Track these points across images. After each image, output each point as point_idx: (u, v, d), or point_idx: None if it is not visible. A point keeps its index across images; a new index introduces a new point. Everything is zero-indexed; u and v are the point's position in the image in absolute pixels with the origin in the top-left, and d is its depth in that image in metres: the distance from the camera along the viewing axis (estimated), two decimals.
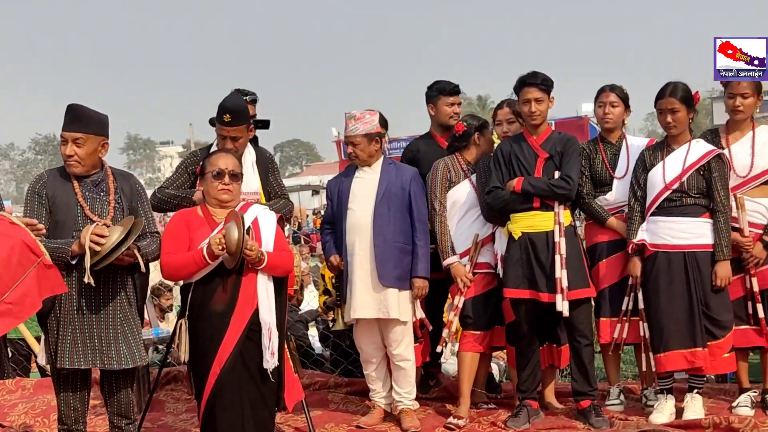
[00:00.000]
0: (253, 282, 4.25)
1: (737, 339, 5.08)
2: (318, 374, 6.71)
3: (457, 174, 5.44)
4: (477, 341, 5.34)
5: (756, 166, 5.09)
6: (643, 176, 5.15)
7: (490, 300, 5.37)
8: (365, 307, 5.17)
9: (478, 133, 5.48)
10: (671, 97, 5.04)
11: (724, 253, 4.93)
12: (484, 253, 5.39)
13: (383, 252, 5.16)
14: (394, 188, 5.24)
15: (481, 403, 5.64)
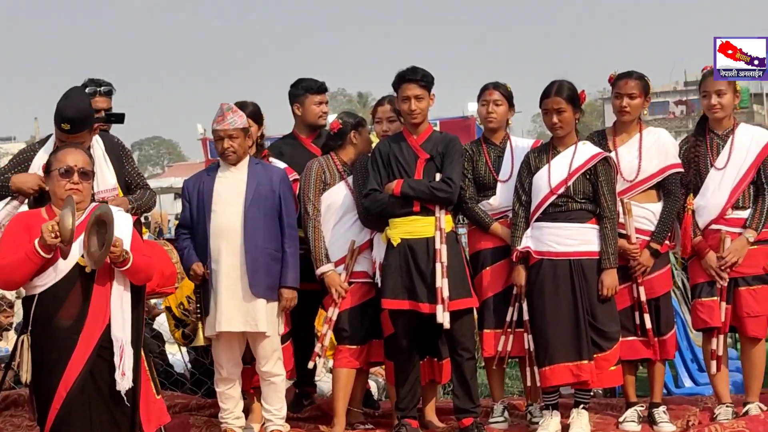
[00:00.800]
0: (106, 293, 4.05)
1: (624, 351, 5.14)
2: (178, 395, 6.48)
3: (333, 175, 5.36)
4: (353, 356, 5.28)
5: (643, 169, 5.17)
6: (528, 180, 5.15)
7: (368, 311, 5.30)
8: (232, 320, 5.03)
9: (355, 131, 5.41)
10: (557, 97, 5.05)
11: (610, 260, 4.96)
12: (361, 261, 5.33)
13: (255, 259, 5.05)
14: (264, 189, 5.13)
15: (358, 423, 5.53)
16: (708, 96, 5.16)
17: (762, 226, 5.08)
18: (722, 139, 5.19)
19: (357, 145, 5.40)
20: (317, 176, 5.33)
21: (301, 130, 5.86)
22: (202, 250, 5.16)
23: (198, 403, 6.16)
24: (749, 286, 5.11)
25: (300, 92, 5.88)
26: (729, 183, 5.13)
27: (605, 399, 6.00)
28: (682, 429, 5.09)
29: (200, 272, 5.16)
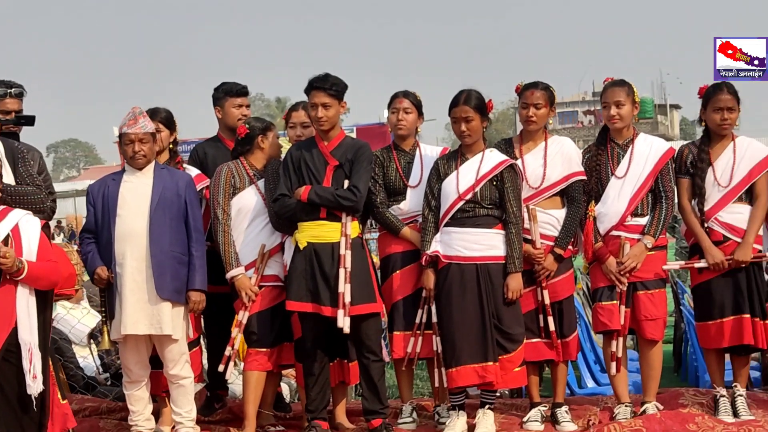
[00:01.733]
0: (11, 297, 4.02)
1: (528, 352, 5.24)
2: (89, 399, 6.43)
3: (242, 180, 5.40)
4: (263, 359, 5.32)
5: (548, 177, 5.28)
6: (437, 186, 5.24)
7: (278, 315, 5.34)
8: (137, 323, 5.02)
9: (262, 135, 5.46)
10: (465, 106, 5.15)
11: (515, 265, 5.07)
12: (272, 264, 5.37)
13: (161, 262, 5.04)
14: (170, 194, 5.13)
15: (269, 426, 5.58)
16: (608, 107, 5.29)
17: (659, 232, 5.24)
18: (622, 149, 5.31)
19: (265, 149, 5.44)
20: (226, 181, 5.36)
21: (224, 133, 5.90)
22: (107, 254, 5.12)
23: (108, 407, 6.15)
24: (647, 290, 5.25)
25: (220, 95, 5.95)
26: (628, 191, 5.25)
27: (510, 399, 6.09)
28: (583, 428, 5.19)
29: (104, 276, 5.14)
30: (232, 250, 5.30)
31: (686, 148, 5.44)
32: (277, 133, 5.58)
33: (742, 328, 5.21)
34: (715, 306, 5.27)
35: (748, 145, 5.32)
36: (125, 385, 5.25)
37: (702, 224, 5.31)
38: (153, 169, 5.18)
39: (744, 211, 5.28)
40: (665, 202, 5.28)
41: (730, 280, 5.24)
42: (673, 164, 5.39)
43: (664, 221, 5.28)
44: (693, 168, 5.36)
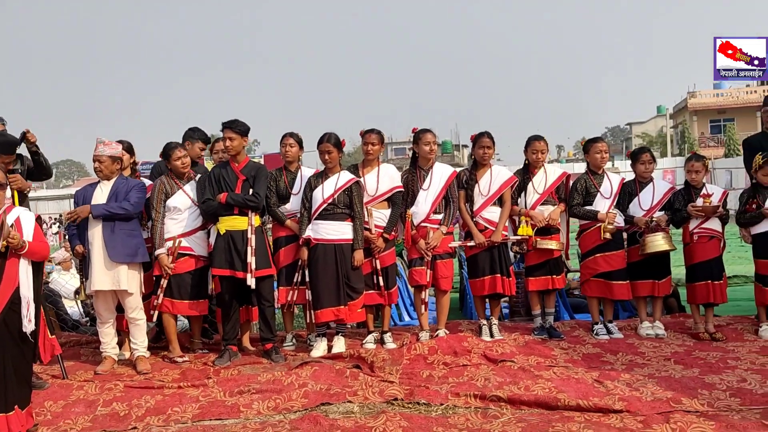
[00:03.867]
0: (15, 266, 3.92)
1: (367, 299, 5.47)
2: (74, 335, 6.37)
3: (172, 187, 5.43)
4: (174, 307, 5.35)
5: (380, 189, 5.52)
6: (310, 194, 5.43)
7: (191, 277, 5.35)
8: (101, 281, 5.03)
9: (167, 161, 5.51)
10: (327, 143, 5.40)
11: (359, 244, 5.34)
12: (193, 242, 5.37)
13: (111, 238, 5.03)
14: (121, 193, 5.14)
15: (197, 349, 5.67)
16: (427, 145, 5.55)
17: (450, 223, 5.57)
18: (426, 172, 5.59)
19: (172, 169, 5.44)
20: (159, 190, 5.36)
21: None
22: (83, 235, 5.14)
23: (87, 340, 6.11)
24: (442, 259, 5.53)
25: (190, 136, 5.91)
26: (431, 198, 5.51)
27: (356, 329, 6.14)
28: (400, 346, 5.35)
29: (80, 251, 5.20)
30: (158, 236, 5.30)
31: (463, 172, 5.82)
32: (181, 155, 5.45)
33: (495, 282, 5.60)
34: (479, 269, 5.65)
35: (499, 170, 5.76)
36: (98, 325, 5.28)
37: (472, 218, 5.69)
38: (115, 180, 5.18)
39: (497, 211, 5.68)
40: (452, 204, 5.60)
41: (488, 253, 5.62)
42: (456, 181, 5.71)
43: (452, 216, 5.60)
44: (467, 184, 5.74)
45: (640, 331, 5.77)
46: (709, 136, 44.87)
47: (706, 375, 4.52)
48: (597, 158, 5.86)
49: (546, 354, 5.21)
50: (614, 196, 5.80)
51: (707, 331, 5.65)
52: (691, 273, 5.78)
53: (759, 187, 5.71)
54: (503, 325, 6.11)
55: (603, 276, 5.73)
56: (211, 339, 6.09)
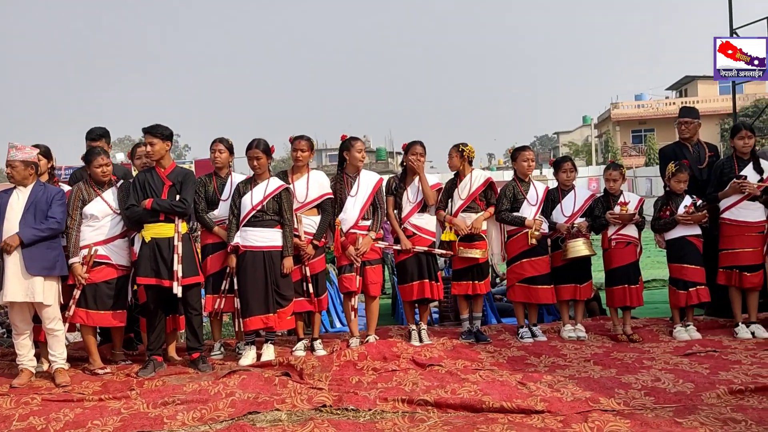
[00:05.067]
0: None
1: (297, 306, 5.47)
2: None
3: (90, 194, 5.28)
4: (88, 317, 5.19)
5: (309, 195, 5.55)
6: (239, 200, 5.39)
7: (108, 287, 5.21)
8: (15, 292, 4.86)
9: (88, 167, 5.38)
10: (256, 149, 5.37)
11: (288, 251, 5.34)
12: (112, 250, 5.24)
13: (29, 249, 4.87)
14: (40, 203, 4.98)
15: (120, 360, 5.53)
16: (359, 152, 5.60)
17: (378, 229, 5.64)
18: (353, 179, 5.65)
19: (91, 175, 5.30)
20: (76, 196, 5.22)
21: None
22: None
23: (2, 352, 5.89)
24: (371, 265, 5.59)
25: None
26: (359, 204, 5.56)
27: (286, 336, 6.21)
28: (330, 352, 5.35)
29: None
30: (73, 245, 5.14)
31: (392, 178, 5.93)
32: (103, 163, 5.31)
33: (424, 287, 5.69)
34: (408, 275, 5.73)
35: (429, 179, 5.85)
36: (14, 337, 5.08)
37: (400, 225, 5.78)
38: (33, 186, 5.01)
39: (424, 217, 5.79)
40: (380, 211, 5.67)
41: (416, 258, 5.71)
42: (386, 188, 5.80)
43: (381, 222, 5.67)
44: (396, 191, 5.84)
45: (563, 333, 5.96)
46: (631, 146, 46.82)
47: (623, 375, 4.71)
48: (524, 166, 6.03)
49: (473, 357, 5.31)
50: (540, 203, 5.97)
51: (625, 333, 5.89)
52: (610, 277, 6.01)
53: (672, 194, 6.01)
54: (432, 329, 6.20)
55: (528, 281, 5.88)
56: (135, 350, 5.97)
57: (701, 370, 4.76)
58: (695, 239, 5.90)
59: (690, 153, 6.43)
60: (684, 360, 5.08)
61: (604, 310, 6.95)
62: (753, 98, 38.37)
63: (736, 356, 5.12)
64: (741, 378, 4.50)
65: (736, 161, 5.99)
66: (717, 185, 6.02)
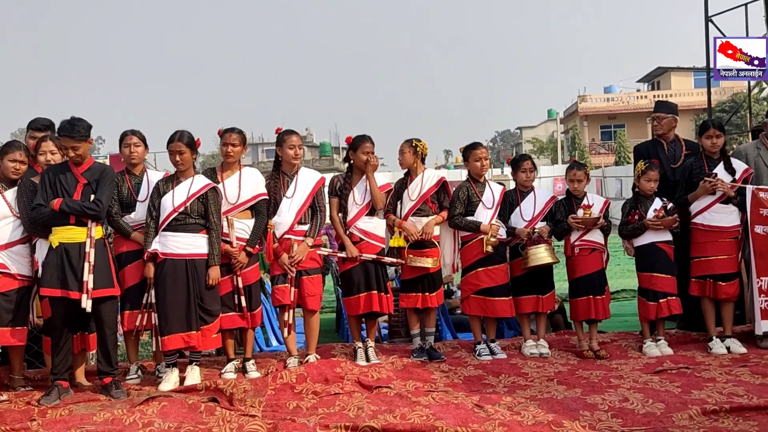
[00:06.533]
0: None
1: (227, 322, 5.44)
2: None
3: None
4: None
5: (242, 196, 5.52)
6: (158, 201, 5.34)
7: (12, 299, 5.12)
8: None
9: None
10: (179, 142, 5.33)
11: (215, 260, 5.30)
12: (15, 259, 5.15)
13: None
14: None
15: (19, 387, 5.38)
16: (291, 148, 5.62)
17: (316, 234, 5.67)
18: (291, 178, 5.66)
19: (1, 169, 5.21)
20: None
21: None
22: None
23: None
24: (309, 275, 5.61)
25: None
26: (296, 206, 5.58)
27: (215, 357, 6.13)
28: (265, 374, 5.37)
29: None
30: None
31: (336, 178, 5.94)
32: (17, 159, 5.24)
33: (372, 300, 5.74)
34: (354, 285, 5.76)
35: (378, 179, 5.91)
36: None
37: (345, 230, 5.82)
38: None
39: (372, 221, 5.85)
40: (320, 214, 5.70)
41: (363, 267, 5.76)
42: (325, 188, 5.82)
43: (320, 226, 5.70)
44: (340, 192, 5.86)
45: (524, 350, 6.06)
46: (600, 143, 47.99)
47: (589, 395, 4.81)
48: (477, 165, 6.11)
49: (425, 378, 5.35)
50: (496, 206, 6.07)
51: (591, 349, 6.02)
52: (574, 288, 6.14)
53: (641, 196, 6.17)
54: (381, 347, 6.24)
55: (484, 292, 5.96)
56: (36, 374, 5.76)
57: (672, 389, 4.90)
58: (666, 246, 6.07)
59: (665, 151, 6.62)
60: (654, 378, 5.22)
61: (569, 324, 7.10)
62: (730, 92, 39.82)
63: (710, 373, 5.29)
64: (715, 397, 4.65)
65: (705, 161, 6.19)
66: (687, 187, 6.21)
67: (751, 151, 6.31)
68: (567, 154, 48.04)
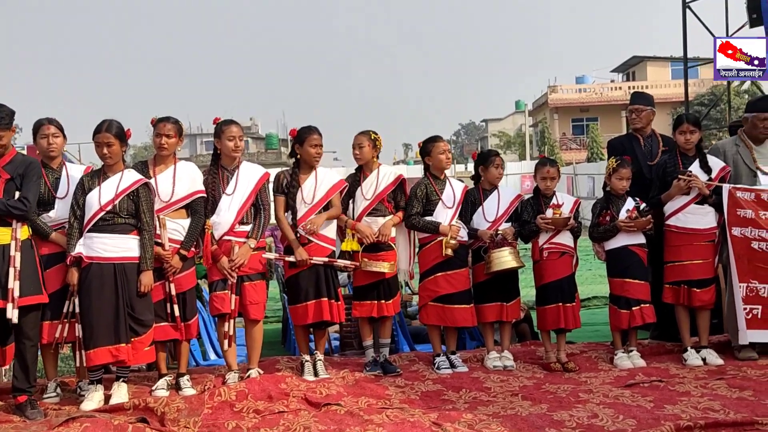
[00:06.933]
0: None
1: (158, 333, 5.37)
2: None
3: None
4: None
5: (176, 193, 5.48)
6: (82, 198, 5.26)
7: None
8: None
9: None
10: (107, 133, 5.25)
11: (147, 264, 5.23)
12: None
13: None
14: None
15: None
16: (231, 140, 5.58)
17: (260, 236, 5.65)
18: (231, 173, 5.63)
19: None
20: None
21: None
22: None
23: None
24: (251, 281, 5.59)
25: None
26: (237, 205, 5.55)
27: (145, 372, 6.05)
28: (201, 392, 5.32)
29: None
30: None
31: (282, 174, 5.92)
32: None
33: (321, 308, 5.71)
34: (301, 293, 5.74)
35: (326, 173, 5.94)
36: None
37: (294, 230, 5.79)
38: None
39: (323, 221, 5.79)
40: (263, 213, 5.68)
41: (312, 273, 5.73)
42: (269, 184, 5.78)
43: (263, 227, 5.68)
44: (287, 189, 5.83)
45: (487, 362, 6.11)
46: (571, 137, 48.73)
47: (556, 411, 4.87)
48: (442, 159, 6.16)
49: (379, 394, 5.37)
50: (457, 205, 6.11)
51: (559, 361, 6.10)
52: (542, 295, 6.21)
53: (612, 196, 6.27)
54: (331, 360, 6.25)
55: (443, 299, 6.00)
56: None
57: (645, 404, 4.99)
58: (639, 249, 6.18)
59: (641, 146, 6.74)
60: (625, 392, 5.31)
61: (535, 334, 7.18)
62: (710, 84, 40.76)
63: (685, 387, 5.41)
64: (690, 412, 4.75)
65: (680, 158, 6.32)
66: (661, 187, 6.33)
67: (729, 148, 6.46)
68: (536, 149, 48.67)
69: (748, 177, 6.28)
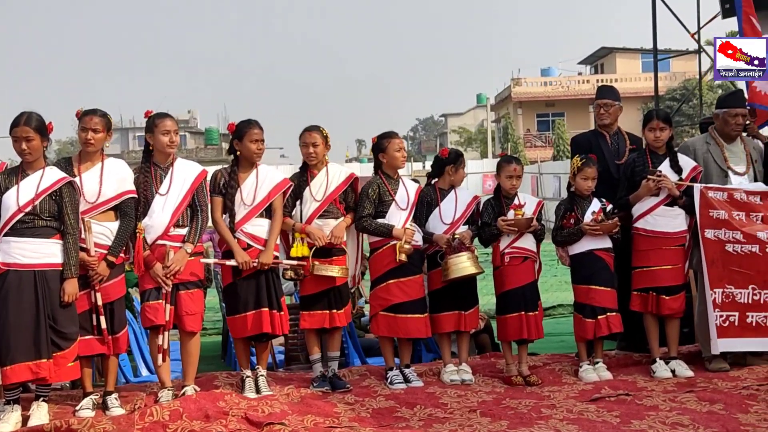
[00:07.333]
0: None
1: (83, 348, 5.32)
2: None
3: None
4: None
5: (103, 193, 5.43)
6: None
7: None
8: None
9: None
10: (26, 126, 5.18)
11: (72, 271, 5.18)
12: None
13: None
14: None
15: None
16: (165, 135, 5.56)
17: (197, 239, 5.62)
18: (165, 171, 5.62)
19: None
20: None
21: None
22: None
23: None
24: (188, 290, 5.56)
25: None
26: (171, 206, 5.53)
27: (68, 391, 5.95)
28: (131, 411, 5.26)
29: None
30: None
31: (219, 172, 5.92)
32: None
33: (262, 319, 5.70)
34: (241, 302, 5.74)
35: (267, 172, 5.94)
36: None
37: (233, 234, 5.79)
38: None
39: (265, 224, 5.83)
40: (201, 215, 5.66)
41: (253, 280, 5.73)
42: (207, 184, 5.77)
43: (201, 230, 5.66)
44: (225, 189, 5.82)
45: (444, 376, 6.19)
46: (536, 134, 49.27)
47: (516, 428, 4.96)
48: (397, 157, 6.23)
49: (326, 412, 5.39)
50: (411, 206, 6.18)
51: (521, 374, 6.21)
52: (502, 303, 6.30)
53: (577, 197, 6.39)
54: (274, 375, 6.24)
55: (394, 309, 6.05)
56: None
57: (610, 419, 5.11)
58: (605, 254, 6.31)
59: (607, 144, 6.87)
60: (590, 407, 5.42)
61: (496, 345, 7.27)
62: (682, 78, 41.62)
63: (653, 400, 5.55)
64: (657, 428, 4.89)
65: (649, 157, 6.48)
66: (629, 187, 6.48)
67: (700, 147, 6.63)
68: (498, 146, 49.09)
69: (719, 177, 6.46)
